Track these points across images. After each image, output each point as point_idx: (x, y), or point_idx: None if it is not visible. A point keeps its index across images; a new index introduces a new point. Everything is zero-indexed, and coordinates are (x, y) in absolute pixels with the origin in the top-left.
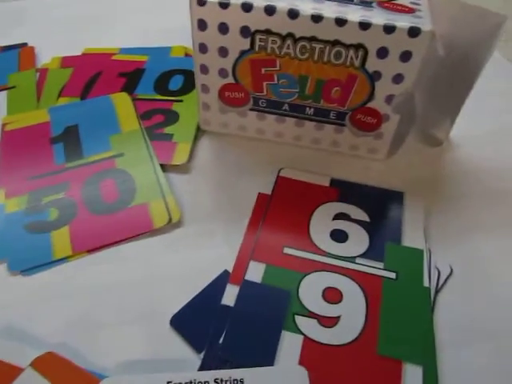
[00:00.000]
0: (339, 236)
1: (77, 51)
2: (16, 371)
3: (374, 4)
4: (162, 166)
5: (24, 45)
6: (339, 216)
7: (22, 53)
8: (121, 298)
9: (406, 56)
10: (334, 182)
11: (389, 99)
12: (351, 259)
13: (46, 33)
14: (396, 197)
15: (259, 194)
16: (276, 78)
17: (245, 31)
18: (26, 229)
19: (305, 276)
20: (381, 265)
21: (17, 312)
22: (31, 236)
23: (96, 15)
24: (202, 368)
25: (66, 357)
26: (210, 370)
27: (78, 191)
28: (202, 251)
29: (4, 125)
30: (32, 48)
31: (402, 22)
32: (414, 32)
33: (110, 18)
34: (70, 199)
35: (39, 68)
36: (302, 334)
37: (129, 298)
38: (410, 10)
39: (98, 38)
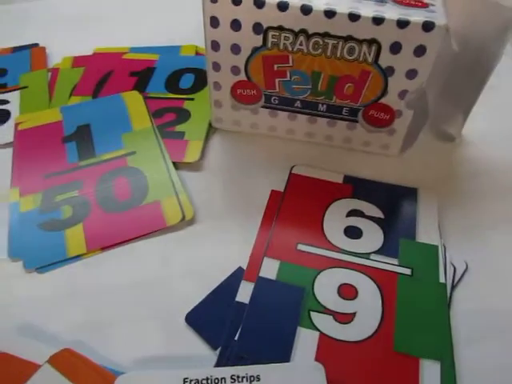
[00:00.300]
0: (353, 232)
1: (87, 51)
2: (33, 368)
3: None
4: (174, 163)
5: (35, 45)
6: (353, 213)
7: (33, 53)
8: (135, 295)
9: (419, 51)
10: (348, 179)
11: (402, 95)
12: (366, 255)
13: (56, 33)
14: (410, 193)
15: (272, 191)
16: (288, 75)
17: (257, 28)
18: (41, 227)
19: (319, 272)
20: (395, 261)
21: (33, 309)
22: (45, 234)
23: (105, 15)
24: (218, 364)
25: (83, 354)
26: (226, 366)
27: (91, 189)
28: (215, 248)
29: (17, 124)
30: (43, 48)
31: (416, 16)
32: (428, 26)
33: (119, 18)
34: (83, 197)
35: (51, 68)
36: (318, 330)
37: (143, 295)
38: (423, 5)
39: (109, 37)
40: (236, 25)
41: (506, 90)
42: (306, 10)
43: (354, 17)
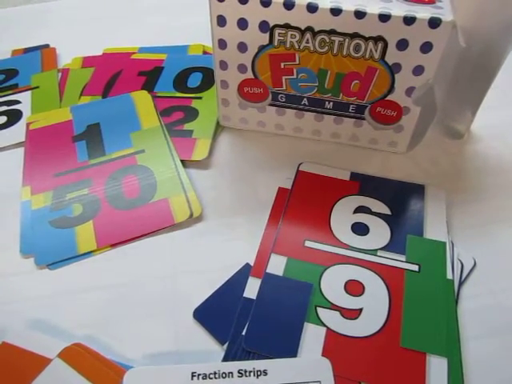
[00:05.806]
0: (360, 229)
1: (97, 51)
2: (44, 362)
3: None
4: (182, 161)
5: (46, 46)
6: (360, 209)
7: (44, 54)
8: (145, 291)
9: (426, 47)
10: (355, 176)
11: (409, 91)
12: (373, 252)
13: (66, 34)
14: (417, 190)
15: (279, 188)
16: (295, 73)
17: (264, 26)
18: (52, 224)
19: (326, 269)
20: (403, 257)
21: (44, 305)
22: (56, 231)
23: (114, 16)
24: (225, 359)
25: (93, 348)
26: (234, 361)
27: (101, 187)
28: (223, 245)
29: (29, 124)
30: (53, 49)
31: (422, 12)
32: (434, 23)
33: (127, 18)
34: (93, 195)
35: (61, 68)
36: (325, 326)
37: (152, 292)
38: (430, 1)
39: (117, 37)
40: (243, 23)
41: None
42: (312, 7)
43: (360, 14)
